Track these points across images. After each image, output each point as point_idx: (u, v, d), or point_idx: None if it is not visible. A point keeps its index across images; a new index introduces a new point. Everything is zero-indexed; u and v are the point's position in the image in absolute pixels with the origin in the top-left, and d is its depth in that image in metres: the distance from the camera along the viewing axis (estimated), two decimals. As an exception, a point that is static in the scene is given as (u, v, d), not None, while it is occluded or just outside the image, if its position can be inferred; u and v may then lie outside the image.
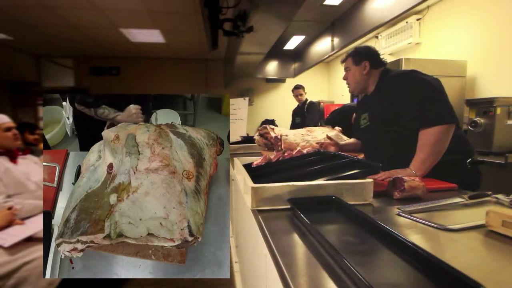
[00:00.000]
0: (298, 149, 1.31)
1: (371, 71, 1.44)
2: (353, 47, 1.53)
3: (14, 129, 1.77)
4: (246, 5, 2.51)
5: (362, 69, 1.44)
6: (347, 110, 2.85)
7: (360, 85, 1.49)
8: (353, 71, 1.47)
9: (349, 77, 1.50)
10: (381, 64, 1.47)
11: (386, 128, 1.37)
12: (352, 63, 1.47)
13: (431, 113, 1.22)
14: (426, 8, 3.24)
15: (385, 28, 3.76)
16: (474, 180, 1.33)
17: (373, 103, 1.46)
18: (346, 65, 1.50)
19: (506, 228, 0.66)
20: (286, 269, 0.55)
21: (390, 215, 0.84)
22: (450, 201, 0.91)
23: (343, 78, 1.54)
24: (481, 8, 2.67)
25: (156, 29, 4.17)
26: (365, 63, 1.44)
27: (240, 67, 4.40)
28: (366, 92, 1.52)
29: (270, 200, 0.88)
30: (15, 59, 5.17)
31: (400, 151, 1.31)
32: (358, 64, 1.45)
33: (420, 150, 1.23)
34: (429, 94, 1.25)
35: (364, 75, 1.45)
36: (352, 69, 1.47)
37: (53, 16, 3.66)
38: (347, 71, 1.50)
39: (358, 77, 1.46)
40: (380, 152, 1.40)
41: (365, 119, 1.50)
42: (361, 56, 1.45)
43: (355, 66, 1.46)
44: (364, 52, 1.46)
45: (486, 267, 0.56)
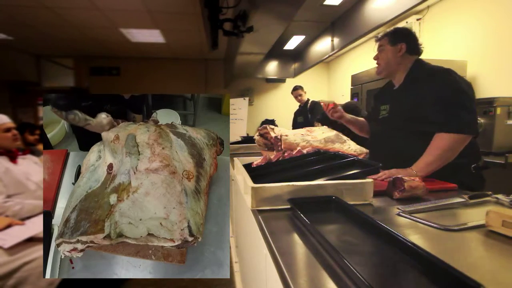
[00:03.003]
0: (298, 149, 1.31)
1: (405, 55, 1.37)
2: (392, 28, 1.44)
3: (14, 130, 1.78)
4: (246, 5, 2.51)
5: (396, 50, 1.37)
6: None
7: (390, 67, 1.41)
8: (386, 51, 1.39)
9: (381, 57, 1.42)
10: (417, 52, 1.39)
11: (405, 125, 1.31)
12: (388, 42, 1.39)
13: (454, 119, 1.18)
14: (426, 8, 3.24)
15: (385, 28, 3.75)
16: (478, 185, 1.28)
17: (398, 95, 1.39)
18: (381, 43, 1.42)
19: (506, 228, 0.66)
20: (286, 269, 0.55)
21: (390, 215, 0.84)
22: (450, 201, 0.91)
23: (374, 57, 1.46)
24: (481, 8, 2.67)
25: (156, 29, 4.17)
26: (402, 45, 1.36)
27: (240, 67, 4.40)
28: (392, 78, 1.46)
29: (270, 200, 0.88)
30: (15, 59, 5.17)
31: (411, 150, 1.26)
32: (393, 45, 1.37)
33: (429, 153, 1.19)
34: (458, 99, 1.20)
35: (397, 57, 1.37)
36: (386, 48, 1.39)
37: (53, 16, 3.66)
38: (380, 50, 1.42)
39: (390, 58, 1.39)
40: (391, 147, 1.36)
41: (385, 110, 1.44)
42: (399, 36, 1.37)
43: (390, 46, 1.38)
44: (403, 33, 1.39)
45: (486, 267, 0.56)
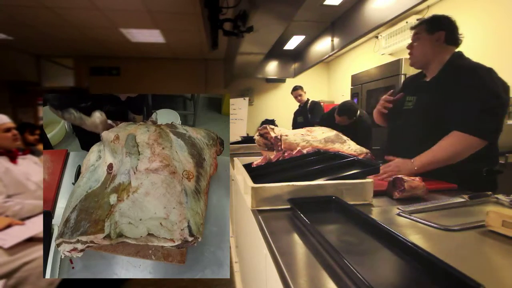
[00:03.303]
0: (298, 149, 1.31)
1: (443, 45, 1.26)
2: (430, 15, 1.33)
3: (14, 130, 1.78)
4: (246, 5, 2.51)
5: (434, 39, 1.26)
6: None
7: (425, 58, 1.30)
8: (423, 40, 1.28)
9: (416, 46, 1.31)
10: (456, 42, 1.29)
11: (431, 120, 1.23)
12: (425, 30, 1.28)
13: (480, 123, 1.10)
14: (426, 8, 3.24)
15: (385, 28, 3.76)
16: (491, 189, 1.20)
17: (429, 88, 1.29)
18: (417, 31, 1.31)
19: (506, 228, 0.66)
20: (286, 269, 0.55)
21: (390, 215, 0.84)
22: (450, 201, 0.91)
23: (407, 46, 1.36)
24: (481, 8, 2.67)
25: (156, 29, 4.17)
26: (441, 33, 1.25)
27: (240, 67, 4.40)
28: (426, 70, 1.35)
29: (270, 200, 0.88)
30: (15, 59, 5.17)
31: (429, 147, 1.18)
32: (431, 33, 1.26)
33: (440, 149, 1.12)
34: (491, 103, 1.11)
35: (435, 47, 1.26)
36: (423, 37, 1.28)
37: (53, 16, 3.66)
38: (416, 38, 1.32)
39: (427, 48, 1.28)
40: (410, 142, 1.28)
41: (411, 102, 1.35)
42: (438, 24, 1.26)
43: (427, 35, 1.27)
44: (442, 20, 1.28)
45: (486, 267, 0.56)
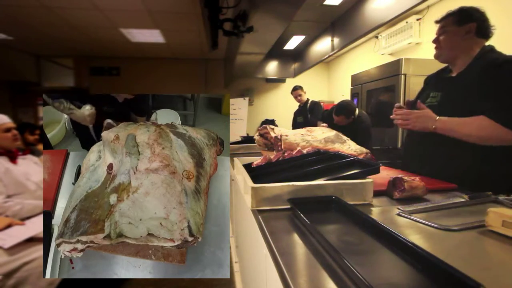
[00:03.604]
0: (298, 149, 1.31)
1: (473, 38, 1.19)
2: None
3: (14, 130, 1.78)
4: (246, 5, 2.51)
5: (464, 31, 1.19)
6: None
7: (453, 52, 1.23)
8: (451, 33, 1.21)
9: (443, 40, 1.24)
10: (487, 35, 1.22)
11: (457, 116, 1.15)
12: (453, 22, 1.21)
13: (510, 113, 1.04)
14: (426, 8, 3.24)
15: (385, 28, 3.76)
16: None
17: (456, 84, 1.22)
18: (444, 23, 1.24)
19: (506, 228, 0.66)
20: (286, 269, 0.55)
21: (390, 215, 0.84)
22: (450, 201, 0.91)
23: (433, 41, 1.29)
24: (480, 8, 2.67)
25: (156, 29, 4.17)
26: (471, 25, 1.17)
27: (240, 67, 4.40)
28: (452, 65, 1.28)
29: (270, 200, 0.88)
30: (15, 59, 5.17)
31: (455, 150, 1.12)
32: (460, 25, 1.19)
33: (466, 123, 1.06)
34: None
35: (464, 40, 1.19)
36: (451, 30, 1.21)
37: (53, 16, 3.66)
38: (442, 32, 1.25)
39: (456, 41, 1.20)
40: (431, 141, 1.22)
41: (435, 98, 1.28)
42: (468, 15, 1.19)
43: (455, 27, 1.20)
44: (472, 12, 1.20)
45: (486, 267, 0.56)
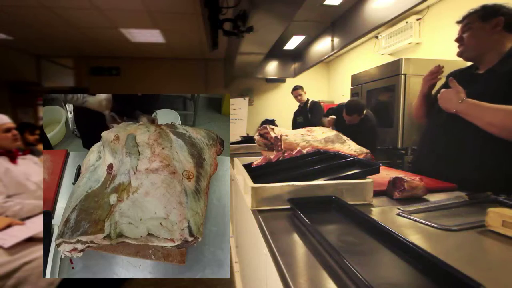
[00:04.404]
0: (298, 149, 1.31)
1: (502, 33, 1.12)
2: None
3: (14, 130, 1.78)
4: (246, 5, 2.51)
5: (491, 27, 1.12)
6: (342, 110, 2.91)
7: (480, 47, 1.16)
8: (477, 30, 1.15)
9: (468, 37, 1.18)
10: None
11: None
12: (478, 18, 1.15)
13: None
14: (426, 8, 3.24)
15: (385, 28, 3.76)
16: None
17: (483, 81, 1.16)
18: (468, 20, 1.18)
19: (506, 228, 0.66)
20: (286, 269, 0.55)
21: (390, 215, 0.84)
22: (450, 201, 0.91)
23: (456, 39, 1.23)
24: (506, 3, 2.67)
25: (156, 29, 4.17)
26: (499, 19, 1.11)
27: (240, 67, 4.40)
28: (479, 62, 1.22)
29: (270, 200, 0.88)
30: (15, 59, 5.18)
31: (480, 150, 1.09)
32: (486, 20, 1.13)
33: (494, 109, 1.01)
34: None
35: (492, 35, 1.12)
36: (476, 25, 1.15)
37: (53, 16, 3.66)
38: (467, 29, 1.19)
39: (482, 37, 1.14)
40: (455, 142, 1.17)
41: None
42: (493, 10, 1.13)
43: (481, 23, 1.14)
44: (497, 7, 1.14)
45: (486, 267, 0.56)
